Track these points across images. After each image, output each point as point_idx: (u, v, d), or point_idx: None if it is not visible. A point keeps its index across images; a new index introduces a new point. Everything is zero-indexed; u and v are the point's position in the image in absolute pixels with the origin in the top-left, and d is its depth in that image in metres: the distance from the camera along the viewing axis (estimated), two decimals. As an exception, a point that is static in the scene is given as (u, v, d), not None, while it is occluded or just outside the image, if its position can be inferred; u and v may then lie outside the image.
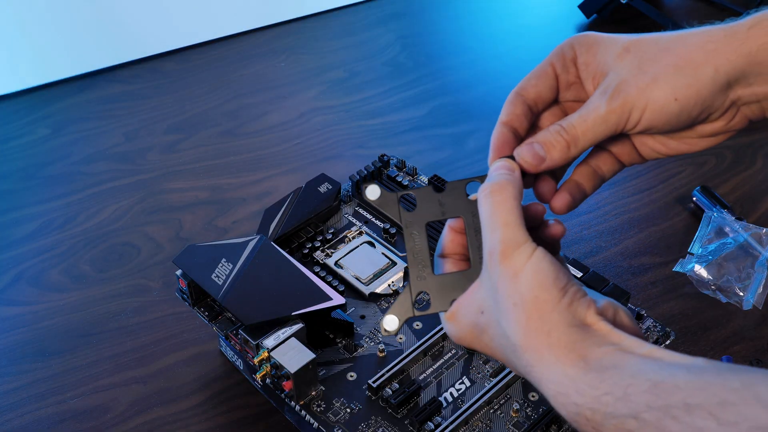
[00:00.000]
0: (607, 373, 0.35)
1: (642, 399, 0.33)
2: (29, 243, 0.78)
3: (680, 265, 0.72)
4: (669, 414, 0.32)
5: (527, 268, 0.38)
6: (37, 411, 0.62)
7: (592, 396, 0.35)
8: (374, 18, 1.13)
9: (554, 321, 0.37)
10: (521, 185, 0.42)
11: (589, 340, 0.37)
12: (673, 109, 0.41)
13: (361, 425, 0.54)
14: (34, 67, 1.00)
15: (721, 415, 0.31)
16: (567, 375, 0.36)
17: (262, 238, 0.60)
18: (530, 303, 0.38)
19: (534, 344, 0.37)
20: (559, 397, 0.37)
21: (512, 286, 0.38)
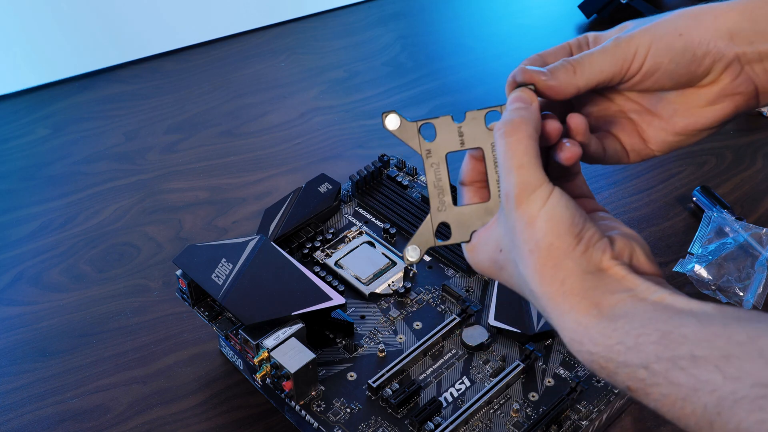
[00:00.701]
0: (619, 322, 0.36)
1: (651, 349, 0.34)
2: (29, 243, 0.78)
3: (680, 265, 0.72)
4: (677, 365, 0.33)
5: (542, 215, 0.38)
6: (37, 411, 0.62)
7: (605, 345, 0.36)
8: (374, 18, 1.13)
9: (569, 269, 0.37)
10: (538, 119, 0.41)
11: (603, 287, 0.37)
12: (678, 45, 0.42)
13: (361, 425, 0.54)
14: (34, 67, 1.00)
15: (726, 369, 0.32)
16: (581, 323, 0.37)
17: (262, 238, 0.60)
18: (545, 250, 0.38)
19: (549, 292, 0.38)
20: (573, 344, 0.37)
21: (528, 232, 0.38)
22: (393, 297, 0.63)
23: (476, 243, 0.43)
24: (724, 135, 0.90)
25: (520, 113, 0.41)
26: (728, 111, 0.44)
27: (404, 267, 0.65)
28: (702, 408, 0.32)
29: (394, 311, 0.62)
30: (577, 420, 0.55)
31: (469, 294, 0.63)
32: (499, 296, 0.60)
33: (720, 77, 0.43)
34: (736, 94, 0.43)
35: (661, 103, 0.45)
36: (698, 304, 0.35)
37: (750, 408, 0.30)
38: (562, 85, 0.42)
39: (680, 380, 0.33)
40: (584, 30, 1.10)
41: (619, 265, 0.38)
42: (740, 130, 0.90)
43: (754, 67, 0.43)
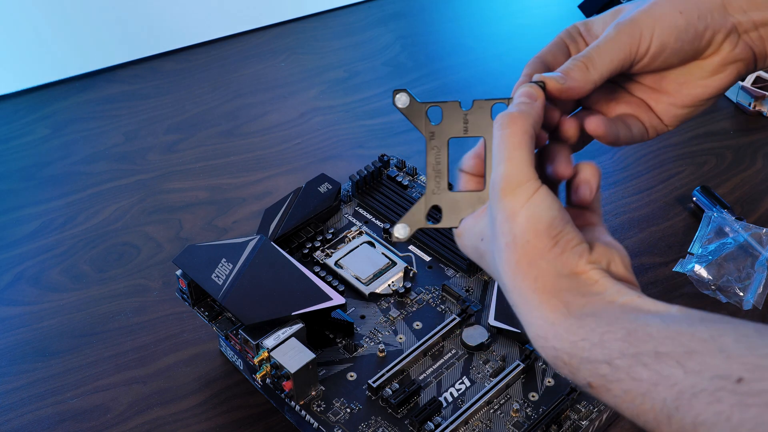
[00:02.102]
0: (586, 320, 0.36)
1: (616, 346, 0.35)
2: (29, 243, 0.78)
3: (680, 265, 0.72)
4: (640, 361, 0.34)
5: (524, 211, 0.38)
6: (37, 411, 0.62)
7: (570, 341, 0.36)
8: (374, 18, 1.13)
9: (542, 268, 0.38)
10: (539, 115, 0.41)
11: (575, 290, 0.38)
12: (680, 23, 0.43)
13: (361, 425, 0.54)
14: (34, 67, 1.00)
15: (687, 364, 0.32)
16: (548, 320, 0.37)
17: (262, 238, 0.60)
18: (521, 247, 0.38)
19: (520, 286, 0.38)
20: (539, 340, 0.38)
21: (507, 225, 0.39)
22: (393, 297, 0.63)
23: (463, 229, 0.44)
24: (724, 135, 0.90)
25: (521, 107, 0.41)
26: (731, 78, 0.46)
27: (404, 267, 0.65)
28: (661, 403, 0.33)
29: (394, 311, 0.62)
30: (577, 420, 0.55)
31: (469, 294, 0.63)
32: (499, 296, 0.60)
33: (721, 47, 0.44)
34: (737, 62, 0.45)
35: (665, 81, 0.46)
36: (665, 306, 0.36)
37: (708, 400, 0.31)
38: (580, 84, 0.43)
39: (642, 376, 0.33)
40: (584, 30, 1.10)
41: (595, 269, 0.38)
42: (740, 130, 0.90)
43: (750, 35, 0.44)
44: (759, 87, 0.92)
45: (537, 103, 0.41)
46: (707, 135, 0.90)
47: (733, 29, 0.44)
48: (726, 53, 0.45)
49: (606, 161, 0.86)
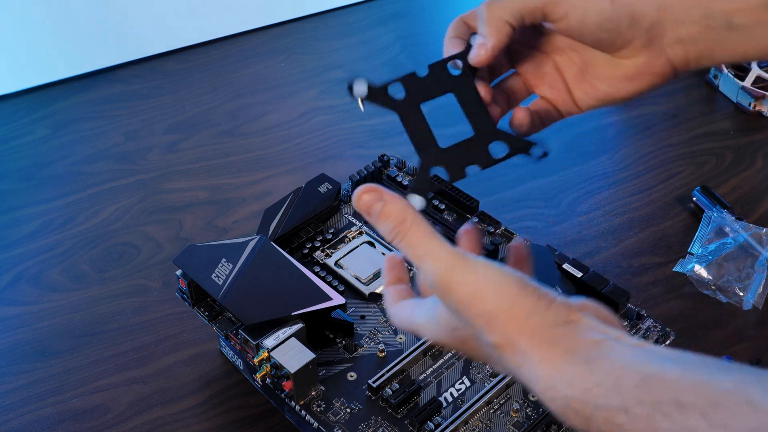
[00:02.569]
0: (596, 364, 0.35)
1: (632, 393, 0.33)
2: (29, 243, 0.78)
3: (680, 265, 0.72)
4: (660, 410, 0.32)
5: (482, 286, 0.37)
6: (37, 411, 0.62)
7: (581, 388, 0.34)
8: (374, 18, 1.13)
9: (534, 324, 0.36)
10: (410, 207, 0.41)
11: (574, 334, 0.36)
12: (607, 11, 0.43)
13: (361, 425, 0.54)
14: (34, 67, 1.00)
15: (713, 417, 0.30)
16: (554, 369, 0.35)
17: (262, 238, 0.60)
18: (503, 315, 0.36)
19: (518, 347, 0.36)
20: (548, 392, 0.36)
21: (474, 307, 0.37)
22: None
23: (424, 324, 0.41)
24: (724, 135, 0.90)
25: (394, 210, 0.40)
26: (644, 87, 0.46)
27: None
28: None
29: (394, 311, 0.62)
30: (577, 420, 0.55)
31: (469, 294, 0.63)
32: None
33: (638, 55, 0.45)
34: (652, 74, 0.45)
35: (589, 68, 0.46)
36: (679, 352, 0.34)
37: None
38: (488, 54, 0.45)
39: (662, 426, 0.32)
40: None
41: (588, 316, 0.37)
42: (740, 130, 0.90)
43: (675, 49, 0.44)
44: (759, 87, 0.92)
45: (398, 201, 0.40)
46: (707, 135, 0.90)
47: (658, 40, 0.44)
48: (642, 63, 0.45)
49: (606, 161, 0.86)
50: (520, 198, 0.82)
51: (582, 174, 0.85)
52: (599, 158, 0.87)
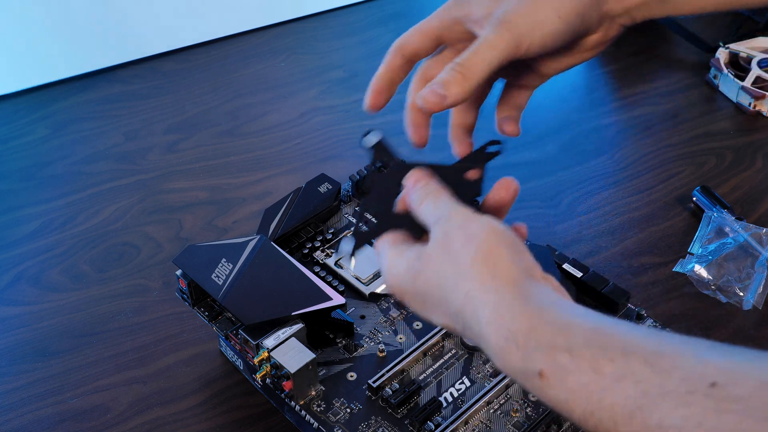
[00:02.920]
0: (548, 309, 0.35)
1: (581, 336, 0.33)
2: (29, 243, 0.78)
3: (680, 265, 0.72)
4: (606, 355, 0.32)
5: (478, 218, 0.39)
6: (37, 411, 0.62)
7: (529, 324, 0.35)
8: (374, 18, 1.13)
9: (503, 257, 0.38)
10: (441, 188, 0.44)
11: (537, 286, 0.37)
12: (559, 27, 0.45)
13: (361, 425, 0.54)
14: (34, 67, 1.00)
15: (657, 363, 0.31)
16: (505, 301, 0.36)
17: (262, 238, 0.60)
18: (481, 240, 0.38)
19: (478, 271, 0.37)
20: (493, 322, 0.36)
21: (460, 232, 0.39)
22: (393, 297, 0.63)
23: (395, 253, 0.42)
24: (724, 135, 0.90)
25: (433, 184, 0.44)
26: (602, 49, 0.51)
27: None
28: (623, 400, 0.31)
29: (394, 311, 0.62)
30: (577, 420, 0.55)
31: (469, 294, 0.63)
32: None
33: (595, 33, 0.49)
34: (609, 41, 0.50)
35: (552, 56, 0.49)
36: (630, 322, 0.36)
37: (676, 403, 0.29)
38: (459, 96, 0.45)
39: (606, 369, 0.32)
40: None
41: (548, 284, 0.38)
42: (740, 130, 0.90)
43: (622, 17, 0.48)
44: (759, 87, 0.92)
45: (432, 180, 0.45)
46: (707, 135, 0.90)
47: (606, 17, 0.48)
48: (600, 36, 0.49)
49: (606, 161, 0.86)
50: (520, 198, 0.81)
51: (582, 174, 0.85)
52: (599, 158, 0.87)
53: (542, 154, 0.88)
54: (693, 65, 1.02)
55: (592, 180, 0.84)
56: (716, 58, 0.97)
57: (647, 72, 1.01)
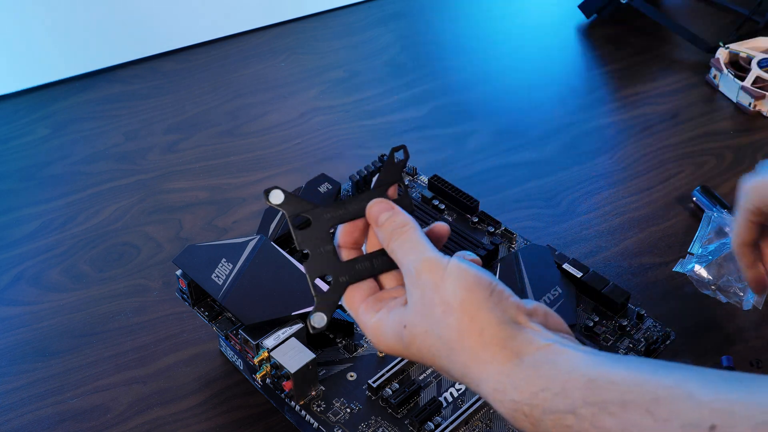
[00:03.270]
0: (543, 369, 0.36)
1: (579, 394, 0.34)
2: (29, 243, 0.78)
3: (680, 265, 0.72)
4: (605, 410, 0.33)
5: (447, 276, 0.39)
6: (37, 411, 0.62)
7: (529, 392, 0.35)
8: (374, 18, 1.14)
9: (485, 318, 0.37)
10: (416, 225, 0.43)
11: (522, 337, 0.37)
12: None
13: (361, 425, 0.54)
14: (34, 67, 1.00)
15: (656, 412, 0.32)
16: (502, 372, 0.36)
17: (262, 238, 0.60)
18: (458, 307, 0.38)
19: (468, 344, 0.38)
20: (496, 394, 0.37)
21: (436, 296, 0.39)
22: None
23: (379, 321, 0.42)
24: (724, 135, 0.90)
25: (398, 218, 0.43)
26: None
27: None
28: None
29: (394, 311, 0.62)
30: (577, 420, 0.55)
31: (469, 294, 0.63)
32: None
33: None
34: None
35: None
36: (623, 355, 0.36)
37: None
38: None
39: (607, 425, 0.33)
40: (584, 30, 1.10)
41: (534, 322, 0.38)
42: (740, 130, 0.90)
43: None
44: (759, 87, 0.92)
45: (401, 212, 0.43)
46: (707, 135, 0.90)
47: None
48: None
49: (606, 161, 0.87)
50: (520, 198, 0.82)
51: (582, 174, 0.85)
52: (599, 158, 0.87)
53: (542, 154, 0.88)
54: (693, 65, 1.02)
55: (592, 180, 0.84)
56: (716, 58, 0.97)
57: (647, 72, 1.01)
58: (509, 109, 0.96)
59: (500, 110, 0.96)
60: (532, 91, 0.99)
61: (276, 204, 0.44)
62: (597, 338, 0.59)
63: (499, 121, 0.93)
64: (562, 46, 1.08)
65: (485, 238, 0.67)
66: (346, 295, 0.44)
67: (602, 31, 1.09)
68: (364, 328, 0.43)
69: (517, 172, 0.85)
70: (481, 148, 0.89)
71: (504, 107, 0.96)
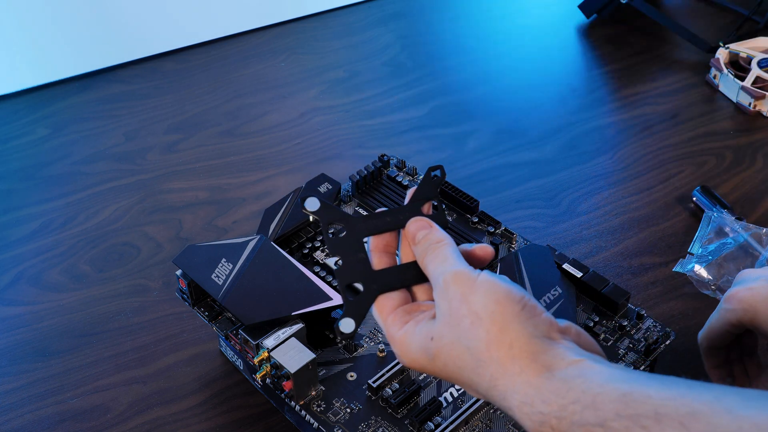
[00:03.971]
0: (574, 382, 0.35)
1: (611, 407, 0.33)
2: (29, 243, 0.78)
3: (680, 265, 0.72)
4: (638, 423, 0.32)
5: (478, 288, 0.38)
6: (37, 411, 0.62)
7: (558, 404, 0.35)
8: (374, 18, 1.14)
9: (515, 331, 0.37)
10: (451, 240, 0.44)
11: (553, 352, 0.36)
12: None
13: (361, 425, 0.54)
14: (34, 67, 1.00)
15: (691, 425, 0.30)
16: (531, 384, 0.36)
17: (262, 238, 0.60)
18: (487, 319, 0.38)
19: (496, 356, 0.37)
20: (524, 407, 0.36)
21: (465, 306, 0.38)
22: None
23: (406, 334, 0.42)
24: (724, 135, 0.90)
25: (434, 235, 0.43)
26: None
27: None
28: None
29: (394, 311, 0.62)
30: (577, 420, 0.55)
31: (469, 294, 0.63)
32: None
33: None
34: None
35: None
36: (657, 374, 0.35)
37: None
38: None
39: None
40: (584, 30, 1.10)
41: (568, 339, 0.38)
42: (740, 130, 0.90)
43: None
44: (759, 87, 0.92)
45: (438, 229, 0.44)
46: (707, 135, 0.90)
47: None
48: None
49: (606, 161, 0.87)
50: (520, 198, 0.82)
51: (582, 174, 0.85)
52: (599, 158, 0.87)
53: (542, 154, 0.88)
54: (693, 65, 1.02)
55: (592, 180, 0.84)
56: (716, 58, 0.97)
57: (647, 72, 1.01)
58: (509, 109, 0.96)
59: (500, 110, 0.96)
60: (532, 91, 0.99)
61: (311, 211, 0.44)
62: (597, 338, 0.59)
63: (499, 121, 0.93)
64: (562, 46, 1.08)
65: (485, 238, 0.67)
66: (377, 304, 0.44)
67: (602, 31, 1.09)
68: (391, 340, 0.43)
69: (517, 172, 0.85)
70: (481, 148, 0.89)
71: (504, 107, 0.96)
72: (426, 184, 0.46)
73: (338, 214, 0.45)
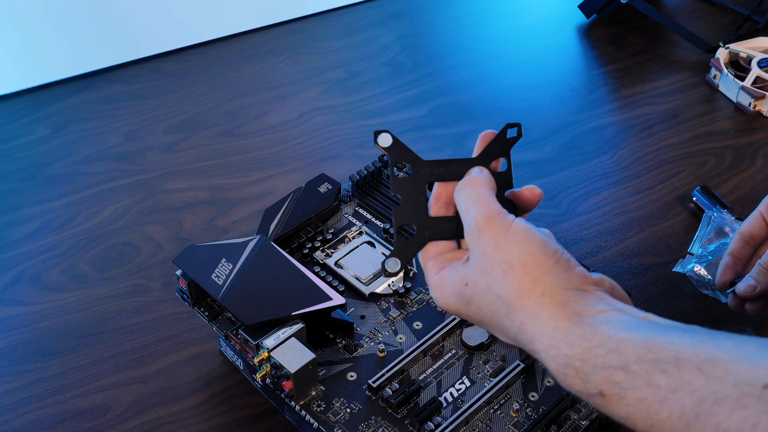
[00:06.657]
0: (600, 328, 0.36)
1: (633, 352, 0.34)
2: (29, 243, 0.78)
3: (680, 265, 0.72)
4: (658, 367, 0.33)
5: (512, 236, 0.39)
6: (37, 411, 0.62)
7: (583, 347, 0.36)
8: (374, 18, 1.13)
9: (548, 282, 0.38)
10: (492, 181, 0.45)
11: (584, 301, 0.37)
12: None
13: (361, 425, 0.54)
14: (34, 67, 1.00)
15: (709, 370, 0.31)
16: (559, 329, 0.37)
17: (262, 238, 0.60)
18: (520, 268, 0.38)
19: (527, 304, 0.38)
20: (550, 350, 0.37)
21: (498, 255, 0.39)
22: (393, 297, 0.63)
23: (442, 279, 0.43)
24: (724, 135, 0.90)
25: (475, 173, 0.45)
26: None
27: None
28: (679, 410, 0.32)
29: (394, 311, 0.62)
30: (577, 420, 0.55)
31: (469, 294, 0.63)
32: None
33: None
34: None
35: None
36: (684, 324, 0.36)
37: (732, 407, 0.30)
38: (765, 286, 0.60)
39: (660, 382, 0.33)
40: (584, 30, 1.10)
41: (601, 290, 0.38)
42: (740, 130, 0.90)
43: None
44: (759, 87, 0.92)
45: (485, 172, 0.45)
46: (707, 135, 0.90)
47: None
48: None
49: (606, 161, 0.86)
50: (520, 198, 0.82)
51: (582, 174, 0.85)
52: (599, 158, 0.87)
53: (542, 154, 0.88)
54: (693, 65, 1.02)
55: (592, 180, 0.84)
56: (716, 58, 0.97)
57: (647, 72, 1.01)
58: (509, 109, 0.96)
59: (500, 110, 0.96)
60: (532, 91, 0.99)
61: (383, 146, 0.45)
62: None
63: (499, 121, 0.93)
64: (562, 46, 1.08)
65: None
66: (424, 249, 0.45)
67: (602, 31, 1.09)
68: (429, 284, 0.44)
69: (516, 172, 0.84)
70: (481, 148, 0.88)
71: (504, 107, 0.96)
72: (500, 141, 0.46)
73: (408, 154, 0.45)
